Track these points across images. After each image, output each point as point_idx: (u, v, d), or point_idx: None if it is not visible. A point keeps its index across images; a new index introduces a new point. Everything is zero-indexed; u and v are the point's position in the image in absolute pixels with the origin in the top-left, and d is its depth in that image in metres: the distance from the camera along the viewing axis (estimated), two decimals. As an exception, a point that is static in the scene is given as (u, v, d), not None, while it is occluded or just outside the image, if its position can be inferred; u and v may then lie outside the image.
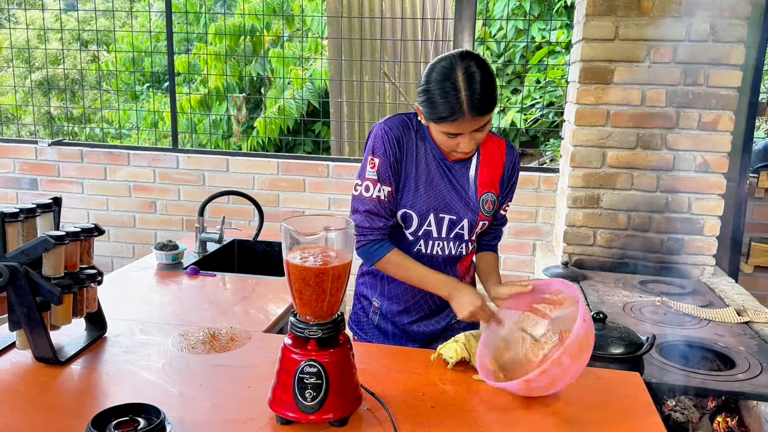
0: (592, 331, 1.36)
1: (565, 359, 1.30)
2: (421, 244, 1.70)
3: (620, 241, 2.93)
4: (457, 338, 1.58)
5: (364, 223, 1.66)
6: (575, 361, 1.32)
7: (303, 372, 1.24)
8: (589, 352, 1.35)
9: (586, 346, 1.34)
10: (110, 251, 3.96)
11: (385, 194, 1.65)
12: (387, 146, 1.64)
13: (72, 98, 7.15)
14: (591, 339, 1.35)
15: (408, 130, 1.67)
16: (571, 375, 1.34)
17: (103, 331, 1.68)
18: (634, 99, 2.82)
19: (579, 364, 1.34)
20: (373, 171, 1.65)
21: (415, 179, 1.66)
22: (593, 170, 2.90)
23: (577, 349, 1.31)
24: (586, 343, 1.33)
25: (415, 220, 1.68)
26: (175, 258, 2.41)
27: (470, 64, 1.49)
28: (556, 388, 1.37)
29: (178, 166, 3.77)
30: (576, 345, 1.30)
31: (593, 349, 1.68)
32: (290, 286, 1.26)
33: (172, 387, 1.41)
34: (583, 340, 1.32)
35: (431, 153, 1.67)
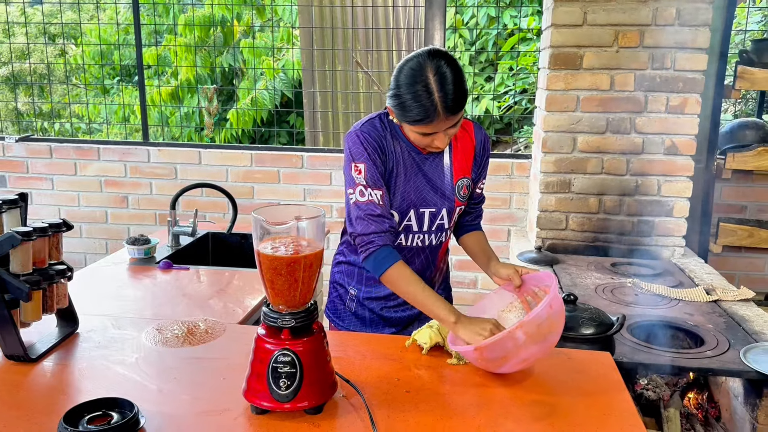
0: (558, 319, 1.38)
1: (519, 334, 1.32)
2: (401, 238, 1.71)
3: (592, 225, 2.97)
4: (431, 324, 1.59)
5: (367, 229, 1.59)
6: (533, 340, 1.34)
7: (277, 361, 1.25)
8: (552, 337, 1.37)
9: (549, 330, 1.35)
10: (82, 248, 3.91)
11: (380, 197, 1.60)
12: (370, 151, 1.61)
13: (41, 93, 7.01)
14: (555, 325, 1.37)
15: (383, 132, 1.65)
16: (529, 354, 1.36)
17: (75, 327, 1.67)
18: (603, 84, 2.85)
19: (538, 346, 1.36)
20: (361, 177, 1.60)
21: (394, 179, 1.66)
22: (564, 155, 2.93)
23: (535, 329, 1.33)
24: (548, 326, 1.35)
25: (395, 217, 1.68)
26: (147, 252, 2.38)
27: (440, 63, 1.47)
28: (511, 364, 1.38)
29: (150, 159, 3.72)
30: (533, 324, 1.32)
31: (565, 330, 1.72)
32: (262, 276, 1.26)
33: (146, 381, 1.41)
34: (543, 322, 1.33)
35: (406, 150, 1.67)
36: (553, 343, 1.41)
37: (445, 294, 1.91)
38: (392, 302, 1.81)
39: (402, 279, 1.58)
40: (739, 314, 2.26)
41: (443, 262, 1.86)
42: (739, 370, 1.85)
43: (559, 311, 1.39)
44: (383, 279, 1.60)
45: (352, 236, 1.63)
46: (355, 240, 1.61)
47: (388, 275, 1.58)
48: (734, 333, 2.09)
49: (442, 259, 1.83)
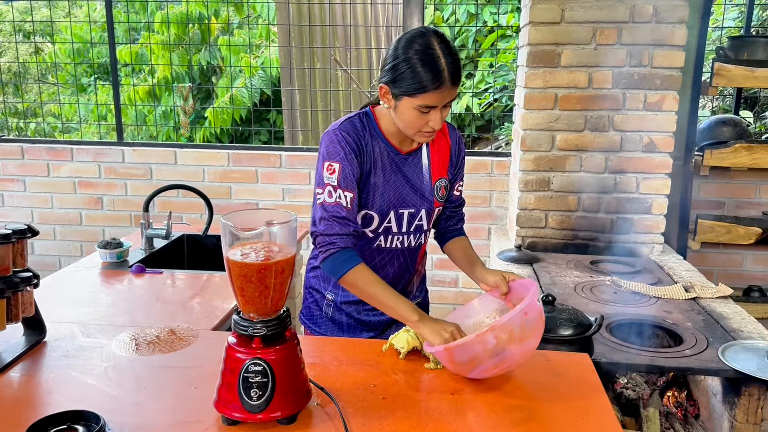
0: (535, 325, 1.35)
1: (490, 338, 1.30)
2: (381, 239, 1.69)
3: (571, 223, 2.96)
4: (408, 328, 1.57)
5: (330, 230, 1.56)
6: (505, 345, 1.31)
7: (248, 371, 1.22)
8: (530, 342, 1.35)
9: (523, 336, 1.33)
10: (57, 250, 3.83)
11: (349, 201, 1.57)
12: (346, 150, 1.58)
13: (16, 92, 6.88)
14: (531, 331, 1.35)
15: (362, 131, 1.62)
16: (501, 360, 1.34)
17: (42, 336, 1.62)
18: (581, 81, 2.84)
19: (513, 352, 1.33)
20: (333, 177, 1.57)
21: (373, 180, 1.63)
22: (543, 153, 2.91)
23: (506, 334, 1.31)
24: (521, 332, 1.32)
25: (375, 219, 1.66)
26: (120, 256, 2.33)
27: (441, 34, 1.52)
28: (482, 369, 1.36)
29: (124, 160, 3.65)
30: (505, 329, 1.30)
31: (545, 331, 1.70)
32: (232, 283, 1.23)
33: (115, 391, 1.37)
34: (516, 329, 1.31)
35: (385, 150, 1.64)
36: (531, 349, 1.39)
37: (422, 296, 1.89)
38: (369, 305, 1.79)
39: (363, 280, 1.56)
40: (718, 311, 2.27)
41: (421, 264, 1.84)
42: (717, 369, 1.85)
43: (537, 318, 1.36)
44: (343, 281, 1.58)
45: (314, 236, 1.60)
46: (316, 240, 1.59)
47: (348, 277, 1.56)
48: (713, 331, 2.09)
49: (420, 261, 1.81)
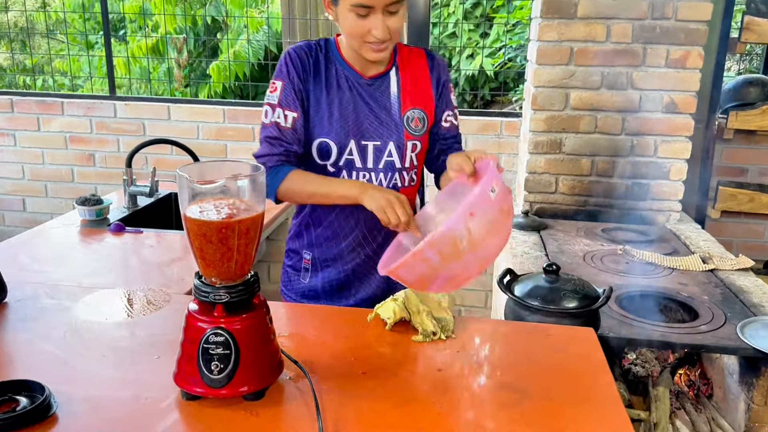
0: (492, 222, 1.14)
1: (430, 254, 1.13)
2: (344, 175, 1.55)
3: (583, 188, 2.79)
4: (396, 297, 1.43)
5: (262, 152, 1.54)
6: (453, 258, 1.14)
7: (208, 342, 1.09)
8: (487, 245, 1.16)
9: (474, 241, 1.13)
10: (49, 208, 3.72)
11: (290, 121, 1.51)
12: (290, 68, 1.51)
13: (23, 48, 6.73)
14: (484, 233, 1.14)
15: (315, 52, 1.54)
16: (455, 273, 1.18)
17: (2, 296, 1.50)
18: (599, 34, 2.64)
19: (467, 262, 1.15)
20: (274, 95, 1.52)
21: (328, 105, 1.51)
22: (555, 113, 2.73)
23: (449, 246, 1.12)
24: (471, 238, 1.12)
25: (333, 149, 1.53)
26: (99, 213, 2.20)
27: None
28: (439, 285, 1.22)
29: (116, 114, 3.50)
30: (446, 240, 1.11)
31: (545, 304, 1.56)
32: (190, 243, 1.09)
33: (72, 359, 1.25)
34: (460, 237, 1.11)
35: (344, 75, 1.52)
36: (494, 250, 1.20)
37: None
38: (350, 261, 1.65)
39: (298, 182, 1.49)
40: (737, 285, 2.10)
41: None
42: (735, 347, 1.70)
43: (492, 211, 1.14)
44: (281, 195, 1.50)
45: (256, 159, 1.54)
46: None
47: (283, 187, 1.49)
48: (731, 305, 1.93)
49: None
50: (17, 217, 3.76)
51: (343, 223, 1.61)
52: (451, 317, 1.42)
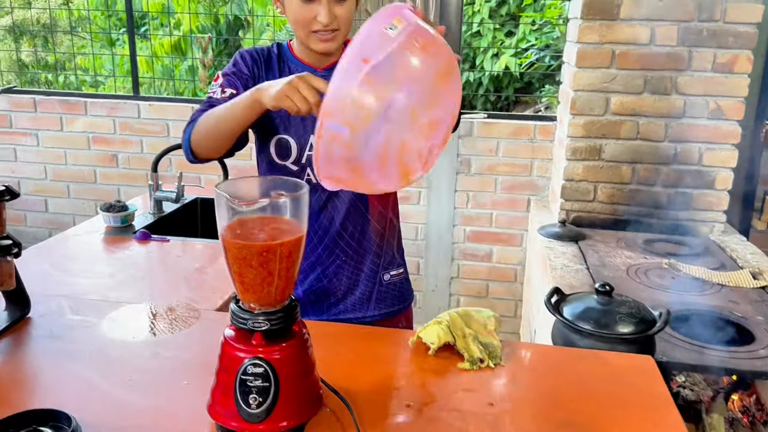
0: (415, 72, 0.91)
1: (330, 125, 0.92)
2: (308, 172, 1.47)
3: (623, 197, 2.67)
4: (440, 318, 1.34)
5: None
6: (362, 125, 0.92)
7: (246, 373, 1.00)
8: (413, 90, 0.92)
9: (380, 94, 0.90)
10: (71, 209, 3.68)
11: (227, 95, 1.39)
12: (239, 65, 1.46)
13: (45, 44, 6.72)
14: (401, 78, 0.90)
15: (267, 52, 1.50)
16: (384, 144, 0.95)
17: (25, 311, 1.43)
18: (643, 37, 2.52)
19: (387, 124, 0.93)
20: (215, 84, 1.44)
21: None
22: (595, 118, 2.62)
23: (347, 107, 0.89)
24: (376, 91, 0.89)
25: (293, 146, 1.46)
26: (125, 220, 2.14)
27: None
28: (378, 167, 0.98)
29: (140, 115, 3.44)
30: (348, 112, 0.90)
31: (599, 328, 1.46)
32: (229, 267, 1.01)
33: (98, 382, 1.18)
34: (349, 93, 0.88)
35: (296, 69, 1.45)
36: (439, 104, 0.97)
37: (404, 265, 1.64)
38: (330, 265, 1.55)
39: (204, 118, 1.36)
40: (792, 304, 1.99)
41: (388, 210, 1.56)
42: (799, 375, 1.59)
43: (399, 55, 0.89)
44: (194, 143, 1.39)
45: None
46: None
47: (193, 133, 1.38)
48: (788, 327, 1.82)
49: (376, 205, 1.53)
50: (39, 218, 3.72)
51: (315, 227, 1.52)
52: (498, 342, 1.32)
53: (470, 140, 3.20)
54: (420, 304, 3.47)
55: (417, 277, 3.44)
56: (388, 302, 1.58)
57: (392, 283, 1.58)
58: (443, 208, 3.29)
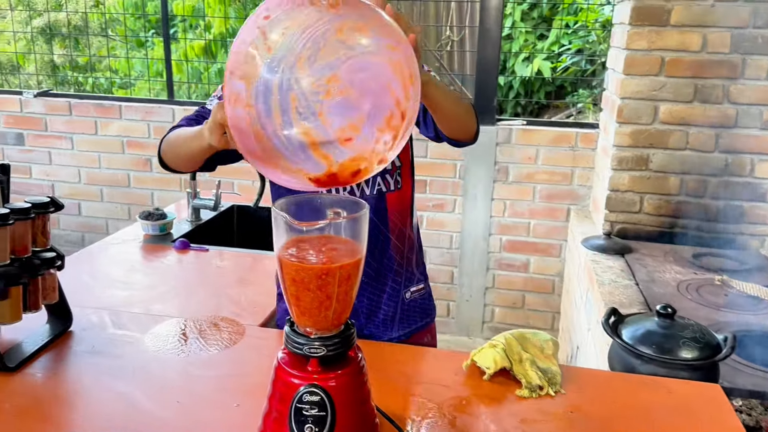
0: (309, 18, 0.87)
1: (234, 86, 0.89)
2: (321, 190, 1.39)
3: (671, 208, 2.59)
4: (495, 342, 1.28)
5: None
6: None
7: (301, 401, 0.96)
8: (336, 47, 0.86)
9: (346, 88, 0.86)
10: (104, 213, 3.68)
11: None
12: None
13: (76, 46, 6.79)
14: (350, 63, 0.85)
15: None
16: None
17: (67, 325, 1.40)
18: (694, 44, 2.43)
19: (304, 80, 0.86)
20: (213, 96, 1.41)
21: None
22: (642, 127, 2.53)
23: (246, 64, 0.86)
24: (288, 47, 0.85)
25: None
26: (163, 229, 2.11)
27: None
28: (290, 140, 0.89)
29: (174, 119, 3.43)
30: (238, 60, 0.87)
31: (661, 353, 1.39)
32: (285, 289, 0.96)
33: (142, 403, 1.14)
34: (248, 51, 0.85)
35: None
36: (372, 69, 0.88)
37: (424, 281, 1.56)
38: None
39: (175, 132, 1.30)
40: None
41: (402, 228, 1.47)
42: None
43: (307, 11, 0.87)
44: (163, 151, 1.32)
45: None
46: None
47: (165, 141, 1.32)
48: None
49: (396, 222, 1.45)
50: (72, 221, 3.73)
51: None
52: (558, 368, 1.26)
53: (508, 147, 3.13)
54: (453, 314, 3.41)
55: (451, 287, 3.38)
56: (411, 320, 1.51)
57: (414, 300, 1.52)
58: (479, 217, 3.23)
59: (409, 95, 0.90)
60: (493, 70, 3.14)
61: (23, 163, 3.68)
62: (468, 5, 4.40)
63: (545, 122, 3.36)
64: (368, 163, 0.92)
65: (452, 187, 3.23)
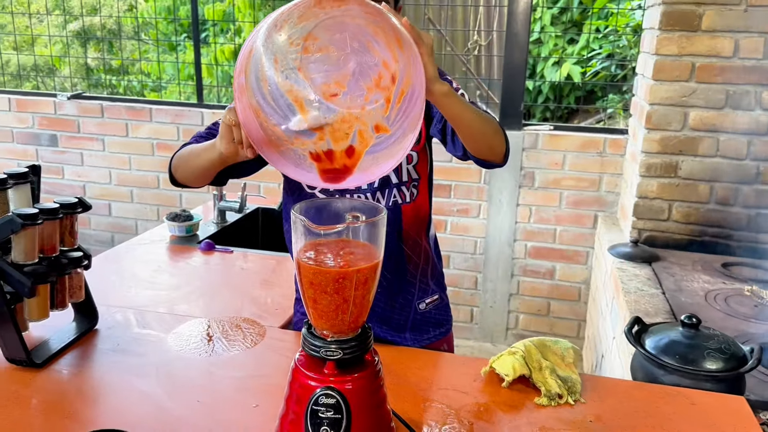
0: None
1: (241, 79, 0.94)
2: (336, 197, 1.37)
3: (700, 217, 2.54)
4: (515, 349, 1.27)
5: None
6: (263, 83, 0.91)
7: (317, 403, 0.96)
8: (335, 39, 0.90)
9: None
10: (134, 213, 3.75)
11: None
12: None
13: (110, 49, 6.94)
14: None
15: None
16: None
17: (93, 323, 1.44)
18: (725, 49, 2.38)
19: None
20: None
21: None
22: (672, 133, 2.49)
23: (253, 64, 0.92)
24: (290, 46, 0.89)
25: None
26: (189, 230, 2.14)
27: None
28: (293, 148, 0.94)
29: (203, 122, 3.48)
30: (243, 62, 0.93)
31: (685, 363, 1.36)
32: (302, 291, 0.97)
33: (164, 401, 1.16)
34: (255, 50, 0.91)
35: None
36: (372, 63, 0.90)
37: (439, 292, 1.54)
38: None
39: (187, 147, 1.30)
40: None
41: (417, 239, 1.45)
42: None
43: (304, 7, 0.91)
44: (174, 166, 1.33)
45: None
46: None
47: (176, 156, 1.32)
48: None
49: (412, 233, 1.44)
50: (103, 221, 3.81)
51: None
52: (578, 376, 1.25)
53: (534, 153, 3.10)
54: (477, 320, 3.39)
55: (474, 293, 3.36)
56: (425, 329, 1.50)
57: (428, 311, 1.51)
58: (504, 222, 3.21)
59: (396, 57, 0.91)
60: (520, 75, 3.12)
61: (56, 164, 3.77)
62: (496, 10, 4.38)
63: (572, 127, 3.33)
64: (362, 125, 0.91)
65: (477, 192, 3.21)
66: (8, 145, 3.84)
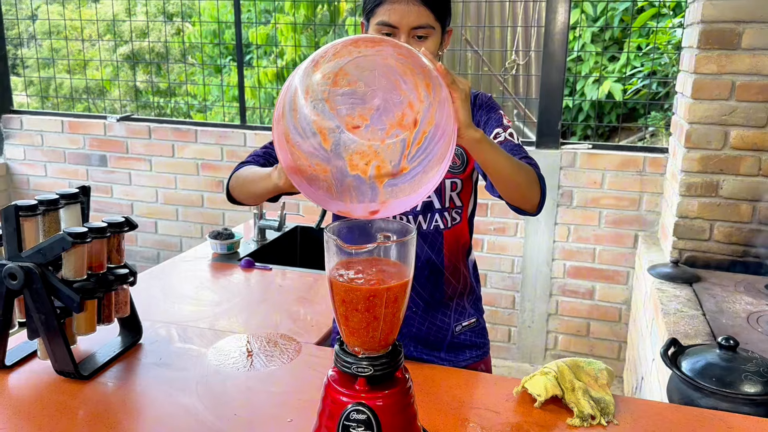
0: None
1: (279, 110, 0.98)
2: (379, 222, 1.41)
3: (742, 236, 2.48)
4: (547, 369, 1.27)
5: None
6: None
7: (348, 419, 0.99)
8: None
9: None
10: (179, 231, 3.86)
11: None
12: None
13: (158, 72, 7.19)
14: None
15: None
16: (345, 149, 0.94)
17: (137, 338, 1.50)
18: (766, 67, 2.35)
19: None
20: None
21: None
22: (712, 152, 2.45)
23: (289, 102, 0.97)
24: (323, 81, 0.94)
25: None
26: (231, 248, 2.20)
27: None
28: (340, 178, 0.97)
29: (246, 143, 3.58)
30: (283, 100, 0.97)
31: (722, 386, 1.34)
32: (334, 309, 1.00)
33: (203, 415, 1.20)
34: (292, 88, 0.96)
35: None
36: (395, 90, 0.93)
37: (477, 315, 1.54)
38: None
39: (245, 169, 1.36)
40: None
41: (457, 265, 1.47)
42: None
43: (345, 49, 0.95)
44: (231, 185, 1.40)
45: None
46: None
47: (234, 176, 1.39)
48: None
49: (451, 258, 1.46)
50: (149, 239, 3.94)
51: None
52: (611, 398, 1.24)
53: (572, 172, 3.09)
54: (515, 341, 3.37)
55: (512, 312, 3.34)
56: (461, 351, 1.51)
57: (464, 334, 1.52)
58: (542, 242, 3.19)
59: (422, 97, 0.93)
60: (557, 94, 3.12)
61: (105, 183, 3.93)
62: (534, 30, 4.39)
63: (611, 146, 3.30)
64: (380, 161, 0.94)
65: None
66: (61, 165, 4.01)
